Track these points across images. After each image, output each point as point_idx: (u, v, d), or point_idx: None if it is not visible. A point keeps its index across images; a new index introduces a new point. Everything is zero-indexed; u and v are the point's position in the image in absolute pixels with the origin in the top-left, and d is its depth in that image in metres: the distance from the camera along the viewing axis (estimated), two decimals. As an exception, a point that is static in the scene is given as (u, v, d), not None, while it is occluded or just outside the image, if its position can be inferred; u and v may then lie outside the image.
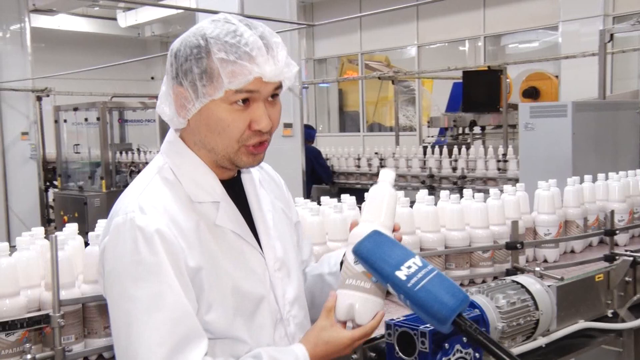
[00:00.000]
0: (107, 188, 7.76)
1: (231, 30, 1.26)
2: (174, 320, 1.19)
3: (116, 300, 1.23)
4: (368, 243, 1.26)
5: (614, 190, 3.00)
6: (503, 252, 2.39)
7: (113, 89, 11.41)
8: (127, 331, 1.20)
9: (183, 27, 14.08)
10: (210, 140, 1.30)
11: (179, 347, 1.19)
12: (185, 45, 1.28)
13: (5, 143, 8.73)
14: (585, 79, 7.59)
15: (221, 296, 1.28)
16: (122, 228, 1.23)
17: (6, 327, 1.56)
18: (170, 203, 1.28)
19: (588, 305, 2.20)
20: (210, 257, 1.28)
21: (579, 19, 9.18)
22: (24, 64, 9.14)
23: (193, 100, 1.28)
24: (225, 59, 1.23)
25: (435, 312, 1.15)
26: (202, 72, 1.25)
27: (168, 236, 1.22)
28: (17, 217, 8.60)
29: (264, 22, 1.36)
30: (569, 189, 2.83)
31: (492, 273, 2.37)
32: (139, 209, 1.24)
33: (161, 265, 1.20)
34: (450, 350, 1.39)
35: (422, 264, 1.20)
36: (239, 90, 1.25)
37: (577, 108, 4.19)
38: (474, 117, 7.85)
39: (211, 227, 1.31)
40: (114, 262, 1.23)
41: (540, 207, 2.69)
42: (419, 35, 12.27)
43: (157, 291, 1.19)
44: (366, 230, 1.31)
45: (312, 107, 14.44)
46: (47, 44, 13.80)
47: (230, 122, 1.28)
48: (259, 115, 1.28)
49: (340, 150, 7.78)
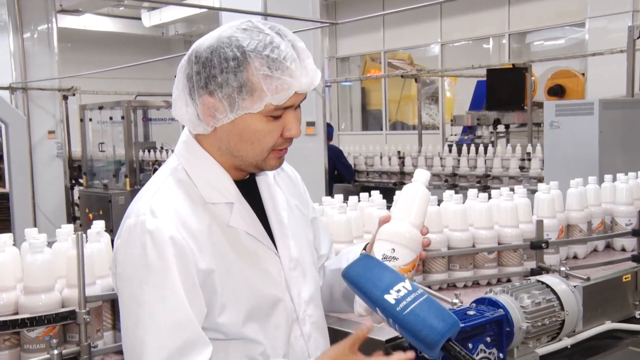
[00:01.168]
0: (131, 186, 7.85)
1: (267, 42, 1.25)
2: (176, 325, 1.20)
3: (126, 301, 1.24)
4: (358, 267, 1.25)
5: (621, 193, 2.79)
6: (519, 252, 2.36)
7: (137, 87, 11.52)
8: (133, 333, 1.21)
9: (206, 26, 14.16)
10: (240, 148, 1.31)
11: (179, 352, 1.19)
12: (219, 56, 1.25)
13: (32, 141, 8.86)
14: (613, 76, 7.47)
15: (235, 298, 1.28)
16: (133, 231, 1.24)
17: (33, 322, 1.58)
18: (183, 205, 1.28)
19: (615, 306, 2.17)
20: (223, 258, 1.28)
21: (607, 15, 9.03)
22: (51, 63, 9.28)
23: (227, 112, 1.27)
24: (269, 75, 1.23)
25: (424, 337, 1.13)
26: (241, 86, 1.24)
27: (178, 240, 1.22)
28: (44, 215, 8.73)
29: (287, 21, 1.36)
30: (572, 192, 2.68)
31: (518, 272, 2.33)
32: (150, 212, 1.24)
33: (167, 269, 1.21)
34: (474, 350, 1.38)
35: (412, 287, 1.19)
36: (279, 106, 1.26)
37: (604, 106, 4.13)
38: (498, 115, 7.77)
39: (225, 228, 1.31)
40: (124, 265, 1.24)
41: (540, 210, 2.56)
42: (443, 33, 12.19)
43: (160, 296, 1.20)
44: (396, 227, 1.32)
45: (335, 105, 14.43)
46: (73, 44, 13.99)
47: (266, 133, 1.29)
48: (291, 123, 1.30)
49: (364, 149, 7.76)
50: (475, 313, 1.46)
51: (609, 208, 2.81)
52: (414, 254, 1.32)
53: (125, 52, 14.50)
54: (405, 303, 1.16)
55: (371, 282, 1.21)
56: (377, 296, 1.19)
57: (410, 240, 1.32)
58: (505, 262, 2.33)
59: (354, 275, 1.24)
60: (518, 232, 2.36)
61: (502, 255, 2.34)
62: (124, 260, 1.25)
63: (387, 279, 1.21)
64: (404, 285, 1.19)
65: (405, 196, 1.37)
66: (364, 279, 1.22)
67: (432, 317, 1.14)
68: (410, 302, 1.16)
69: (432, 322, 1.13)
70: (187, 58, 1.32)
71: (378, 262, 1.27)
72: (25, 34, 9.08)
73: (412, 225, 1.33)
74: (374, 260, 1.27)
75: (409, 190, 1.38)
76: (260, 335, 1.31)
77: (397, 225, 1.33)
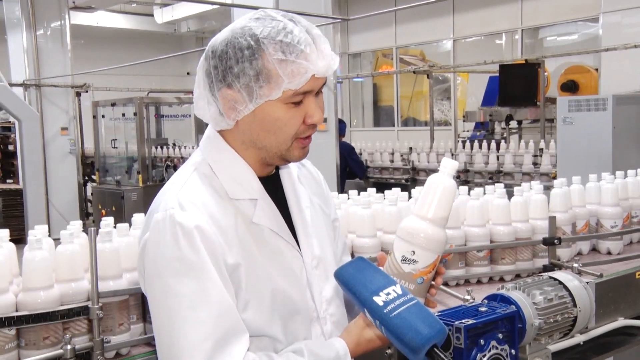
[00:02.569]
0: (143, 182, 7.90)
1: (280, 28, 1.24)
2: (219, 315, 1.20)
3: (157, 296, 1.23)
4: (350, 267, 1.25)
5: (607, 193, 2.65)
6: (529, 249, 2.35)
7: (149, 84, 11.58)
8: (170, 327, 1.20)
9: (219, 22, 14.19)
10: (263, 139, 1.30)
11: (223, 341, 1.19)
12: (234, 47, 1.25)
13: (45, 138, 8.93)
14: (627, 71, 7.42)
15: (258, 294, 1.28)
16: (162, 224, 1.23)
17: (47, 318, 1.60)
18: (209, 199, 1.28)
19: (628, 302, 2.16)
20: (248, 254, 1.28)
21: (621, 10, 8.95)
22: (64, 60, 9.34)
23: (246, 102, 1.26)
24: (284, 60, 1.22)
25: (409, 341, 1.12)
26: (257, 74, 1.24)
27: (207, 233, 1.22)
28: (57, 211, 8.80)
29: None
30: (556, 192, 2.53)
31: (530, 269, 2.33)
32: (178, 205, 1.24)
33: (203, 261, 1.20)
34: (485, 347, 1.38)
35: (402, 292, 1.18)
36: (297, 91, 1.25)
37: (618, 101, 4.09)
38: (511, 111, 7.73)
39: (248, 224, 1.31)
40: (155, 259, 1.23)
41: (553, 206, 2.48)
42: (455, 28, 12.13)
43: (199, 287, 1.19)
44: (417, 226, 1.29)
45: (347, 101, 14.42)
46: (86, 41, 14.08)
47: (287, 120, 1.28)
48: (313, 109, 1.29)
49: (376, 145, 7.75)
50: (487, 309, 1.45)
51: (594, 209, 2.66)
52: (434, 254, 1.29)
53: (137, 48, 14.58)
54: (394, 306, 1.16)
55: (361, 283, 1.21)
56: (366, 297, 1.19)
57: (432, 242, 1.28)
58: (520, 257, 2.32)
59: (346, 275, 1.24)
60: (531, 227, 2.35)
61: (517, 252, 2.33)
62: (155, 254, 1.24)
63: (377, 282, 1.20)
64: (394, 289, 1.19)
65: (428, 189, 1.31)
66: (354, 280, 1.22)
67: (418, 322, 1.13)
68: (399, 306, 1.16)
69: (418, 327, 1.12)
70: (205, 55, 1.32)
71: (371, 264, 1.26)
72: (39, 31, 9.15)
73: (434, 224, 1.28)
74: (367, 263, 1.26)
75: (432, 182, 1.31)
76: (280, 333, 1.31)
77: (418, 223, 1.29)
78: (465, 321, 1.36)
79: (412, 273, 1.28)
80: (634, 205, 2.77)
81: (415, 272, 1.29)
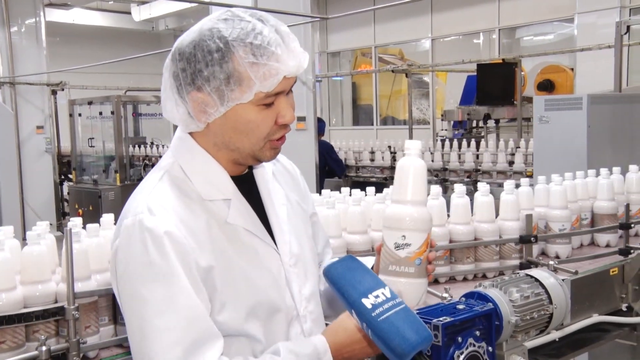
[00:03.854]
0: (121, 181, 7.83)
1: (250, 29, 1.22)
2: (188, 321, 1.19)
3: (129, 302, 1.23)
4: (340, 266, 1.24)
5: (555, 196, 2.59)
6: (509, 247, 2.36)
7: (127, 82, 11.47)
8: (140, 333, 1.20)
9: (197, 20, 14.12)
10: (236, 140, 1.29)
11: (193, 347, 1.18)
12: (202, 50, 1.23)
13: (20, 137, 8.79)
14: (601, 71, 7.51)
15: (235, 295, 1.27)
16: (132, 230, 1.22)
17: (21, 319, 1.58)
18: (180, 203, 1.26)
19: (602, 299, 2.19)
20: (222, 256, 1.27)
21: (595, 11, 9.08)
22: (39, 58, 9.20)
23: (217, 105, 1.25)
24: (255, 62, 1.21)
25: (395, 346, 1.12)
26: (228, 77, 1.22)
27: (177, 237, 1.21)
28: (33, 211, 8.68)
29: (278, 16, 1.35)
30: (506, 198, 2.42)
31: (506, 267, 2.34)
32: (147, 210, 1.23)
33: (172, 267, 1.19)
34: (463, 344, 1.39)
35: (391, 295, 1.18)
36: (269, 92, 1.24)
37: (593, 101, 4.15)
38: (488, 110, 7.80)
39: (223, 225, 1.29)
40: (126, 265, 1.22)
41: (479, 215, 2.38)
42: (433, 28, 12.20)
43: (168, 293, 1.19)
44: (401, 211, 1.30)
45: (326, 100, 14.42)
46: (62, 38, 13.90)
47: (259, 122, 1.26)
48: (284, 109, 1.28)
49: (355, 144, 7.76)
50: (464, 307, 1.46)
51: (543, 212, 2.60)
52: (424, 233, 1.31)
53: (114, 46, 14.42)
54: (382, 310, 1.15)
55: (350, 284, 1.20)
56: (354, 299, 1.18)
57: (419, 222, 1.30)
58: (503, 255, 2.34)
59: (335, 274, 1.24)
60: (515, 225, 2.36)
61: (501, 249, 2.35)
62: (125, 260, 1.23)
63: (367, 283, 1.20)
64: (383, 292, 1.18)
65: (401, 173, 1.34)
66: (343, 280, 1.22)
67: (406, 328, 1.13)
68: (387, 310, 1.15)
69: (406, 333, 1.12)
70: (171, 56, 1.29)
71: (361, 264, 1.26)
72: (13, 28, 9.00)
73: (416, 204, 1.30)
74: (357, 262, 1.26)
75: (403, 166, 1.34)
76: (260, 333, 1.30)
77: (401, 208, 1.30)
78: (443, 319, 1.36)
79: (409, 256, 1.29)
80: (583, 208, 2.74)
81: (411, 255, 1.30)
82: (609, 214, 2.74)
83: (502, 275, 2.05)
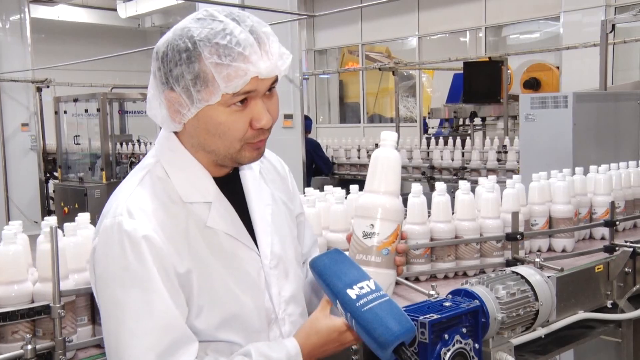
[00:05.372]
0: (107, 179, 7.78)
1: (219, 29, 1.19)
2: (163, 327, 1.18)
3: (106, 305, 1.22)
4: (326, 258, 1.25)
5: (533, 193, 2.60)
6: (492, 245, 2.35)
7: (113, 80, 11.40)
8: (116, 337, 1.20)
9: (183, 17, 14.06)
10: (210, 143, 1.27)
11: (167, 353, 1.18)
12: (173, 49, 1.21)
13: (5, 134, 8.73)
14: (587, 69, 7.57)
15: (212, 300, 1.26)
16: (110, 232, 1.21)
17: (6, 317, 1.56)
18: (160, 205, 1.25)
19: (588, 296, 2.21)
20: (200, 260, 1.26)
21: (580, 10, 9.14)
22: (24, 54, 9.14)
23: (188, 106, 1.22)
24: (219, 63, 1.18)
25: (378, 336, 1.13)
26: (195, 78, 1.20)
27: (155, 241, 1.20)
28: (18, 209, 8.61)
29: (265, 13, 1.34)
30: (487, 197, 2.40)
31: (493, 264, 2.35)
32: (127, 212, 1.21)
33: (149, 271, 1.18)
34: (450, 341, 1.40)
35: (375, 287, 1.19)
36: (237, 92, 1.21)
37: (578, 99, 4.17)
38: (475, 108, 7.84)
39: (202, 228, 1.27)
40: (104, 267, 1.22)
41: (459, 213, 2.36)
42: (420, 26, 12.22)
43: (144, 298, 1.18)
44: (371, 200, 1.31)
45: (313, 98, 14.41)
46: (47, 35, 13.78)
47: (230, 124, 1.23)
48: (258, 113, 1.24)
49: (342, 142, 7.77)
50: (451, 304, 1.47)
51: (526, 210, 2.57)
52: (394, 224, 1.31)
53: (100, 43, 14.31)
54: (366, 300, 1.16)
55: (336, 275, 1.21)
56: (339, 289, 1.19)
57: (389, 212, 1.31)
58: (484, 253, 2.35)
59: (321, 265, 1.24)
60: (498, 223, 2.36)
61: (482, 247, 2.35)
62: (103, 261, 1.22)
63: (352, 275, 1.21)
64: (368, 284, 1.19)
65: (375, 164, 1.34)
66: (329, 271, 1.22)
67: (389, 318, 1.14)
68: (371, 301, 1.16)
69: (389, 323, 1.13)
70: (153, 55, 1.28)
71: (347, 257, 1.26)
72: (-3, 25, 8.92)
73: (388, 194, 1.31)
74: (343, 255, 1.26)
75: (377, 157, 1.34)
76: (238, 338, 1.29)
77: (372, 198, 1.31)
78: (429, 316, 1.37)
79: (376, 246, 1.30)
80: (581, 203, 2.76)
81: (378, 245, 1.30)
82: (564, 218, 2.61)
83: (487, 273, 2.05)
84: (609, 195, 2.86)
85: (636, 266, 2.32)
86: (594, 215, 2.85)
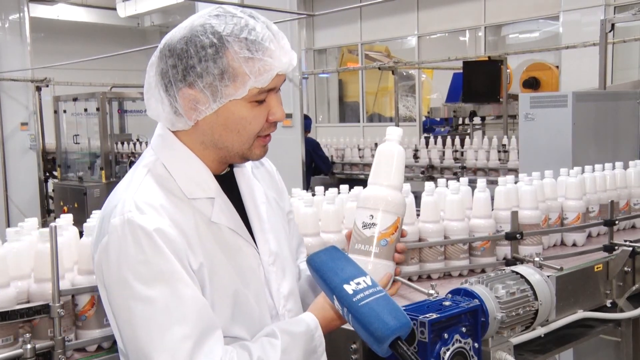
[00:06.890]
0: (106, 178, 7.78)
1: (243, 24, 1.23)
2: (195, 314, 1.17)
3: (125, 304, 1.18)
4: (323, 255, 1.26)
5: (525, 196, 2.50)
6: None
7: (112, 79, 11.39)
8: (146, 333, 1.16)
9: (183, 17, 14.07)
10: (226, 139, 1.28)
11: (201, 340, 1.17)
12: (195, 45, 1.22)
13: (4, 134, 8.73)
14: (586, 69, 7.57)
15: (221, 294, 1.27)
16: (122, 229, 1.19)
17: (5, 317, 1.56)
18: (166, 201, 1.24)
19: (587, 295, 2.21)
20: (210, 255, 1.26)
21: (580, 9, 9.13)
22: (23, 54, 9.13)
23: (209, 102, 1.24)
24: (250, 57, 1.21)
25: (374, 330, 1.13)
26: (222, 73, 1.22)
27: (170, 235, 1.20)
28: (17, 208, 8.61)
29: (264, 12, 1.35)
30: (479, 196, 2.39)
31: (492, 263, 2.35)
32: (136, 208, 1.20)
33: (170, 262, 1.18)
34: (449, 340, 1.40)
35: (372, 283, 1.20)
36: (262, 88, 1.24)
37: (578, 98, 4.18)
38: (474, 107, 7.84)
39: (208, 223, 1.28)
40: (118, 265, 1.19)
41: (449, 212, 2.35)
42: (419, 25, 12.22)
43: (171, 289, 1.17)
44: (373, 192, 1.34)
45: (312, 97, 14.41)
46: (47, 34, 13.77)
47: (251, 119, 1.27)
48: (275, 107, 1.29)
49: (341, 141, 7.76)
50: (451, 304, 1.47)
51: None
52: (394, 216, 1.34)
53: (100, 42, 14.30)
54: (363, 295, 1.17)
55: (333, 271, 1.22)
56: (336, 284, 1.20)
57: (389, 204, 1.33)
58: (480, 252, 2.35)
59: (318, 261, 1.25)
60: (491, 222, 2.37)
61: (474, 246, 2.35)
62: (118, 260, 1.19)
63: (349, 271, 1.22)
64: (364, 280, 1.20)
65: (379, 158, 1.38)
66: (326, 267, 1.23)
67: (385, 313, 1.15)
68: (368, 296, 1.17)
69: (385, 318, 1.14)
70: (159, 54, 1.28)
71: (344, 254, 1.27)
72: (-4, 24, 8.92)
73: (390, 188, 1.34)
74: (340, 252, 1.28)
75: (382, 151, 1.39)
76: (244, 332, 1.30)
77: (374, 190, 1.35)
78: (429, 315, 1.37)
79: (374, 236, 1.32)
80: (551, 208, 2.66)
81: (377, 235, 1.33)
82: (531, 224, 2.46)
83: (487, 272, 2.06)
84: (580, 200, 2.70)
85: (635, 265, 2.32)
86: (564, 220, 2.69)
